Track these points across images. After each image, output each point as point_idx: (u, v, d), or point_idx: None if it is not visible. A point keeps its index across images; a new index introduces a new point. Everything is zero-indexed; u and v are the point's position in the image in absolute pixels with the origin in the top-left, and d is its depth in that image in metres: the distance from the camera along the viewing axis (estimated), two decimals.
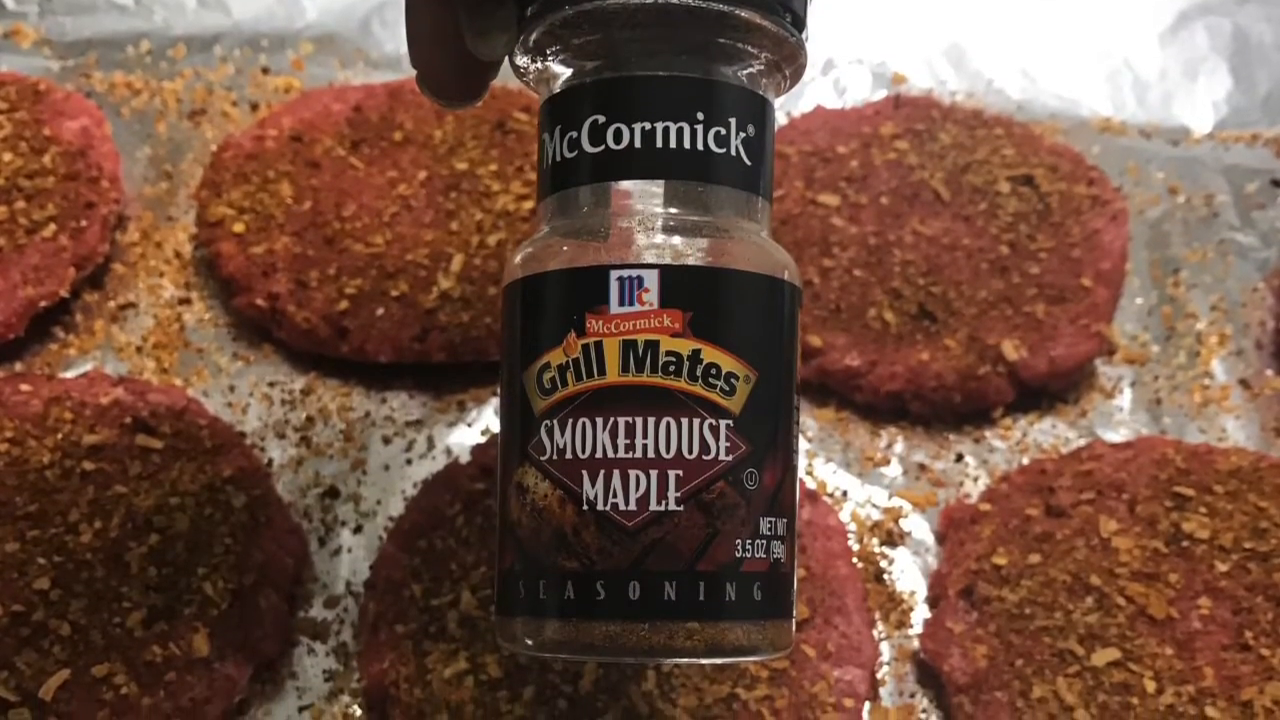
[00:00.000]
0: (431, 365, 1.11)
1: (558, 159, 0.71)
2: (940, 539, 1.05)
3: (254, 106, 1.32)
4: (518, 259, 0.72)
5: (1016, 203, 1.17)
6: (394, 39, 1.39)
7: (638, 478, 0.67)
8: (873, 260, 1.14)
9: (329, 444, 1.08)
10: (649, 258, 0.68)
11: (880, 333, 1.11)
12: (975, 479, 1.09)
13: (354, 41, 1.39)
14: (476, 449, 1.05)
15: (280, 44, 1.38)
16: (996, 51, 1.41)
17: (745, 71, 0.71)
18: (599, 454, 0.67)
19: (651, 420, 0.67)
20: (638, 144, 0.69)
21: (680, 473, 0.67)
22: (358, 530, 1.04)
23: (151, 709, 0.88)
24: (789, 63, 0.72)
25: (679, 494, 0.67)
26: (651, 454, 0.67)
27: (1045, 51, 1.41)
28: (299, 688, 0.96)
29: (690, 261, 0.68)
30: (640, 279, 0.68)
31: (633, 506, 0.67)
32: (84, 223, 1.15)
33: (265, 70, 1.36)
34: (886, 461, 1.10)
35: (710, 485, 0.67)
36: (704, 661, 0.75)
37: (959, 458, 1.10)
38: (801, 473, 1.00)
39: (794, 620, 0.72)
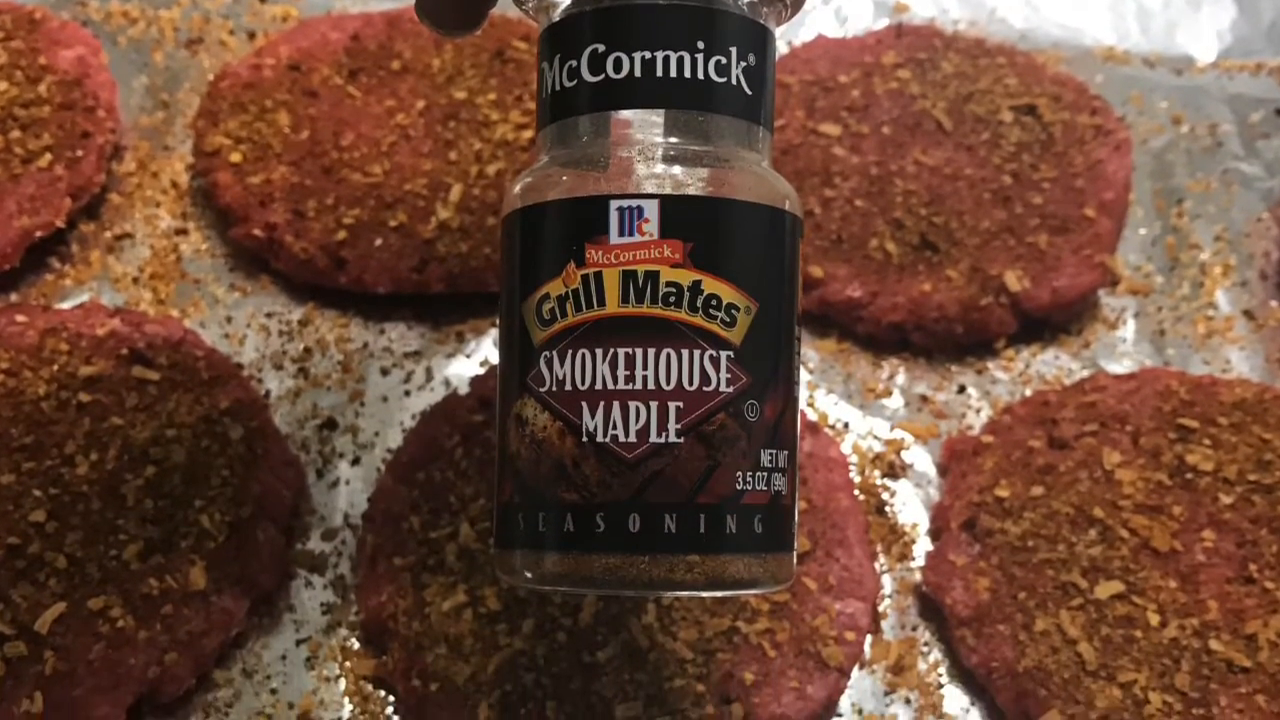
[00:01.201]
0: (430, 296, 1.10)
1: (557, 88, 0.70)
2: (942, 471, 1.04)
3: (251, 35, 1.30)
4: (517, 189, 0.71)
5: (1019, 132, 1.16)
6: None
7: (638, 409, 0.66)
8: (874, 190, 1.13)
9: (327, 375, 1.07)
10: (649, 188, 0.67)
11: (882, 263, 1.10)
12: (977, 411, 1.08)
13: None
14: (475, 380, 1.04)
15: None
16: None
17: (746, 0, 0.69)
18: (599, 385, 0.67)
19: (651, 351, 0.66)
20: (638, 73, 0.68)
21: (680, 404, 0.66)
22: (355, 462, 1.03)
23: (148, 642, 0.87)
24: None
25: (679, 426, 0.66)
26: (651, 385, 0.66)
27: None
28: (296, 621, 0.95)
29: (691, 191, 0.68)
30: (640, 209, 0.67)
31: (632, 438, 0.66)
32: (80, 152, 1.13)
33: None
34: (888, 393, 1.09)
35: (711, 417, 0.67)
36: (704, 594, 0.75)
37: (961, 389, 1.09)
38: (802, 404, 0.99)
39: (795, 553, 0.72)
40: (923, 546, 1.00)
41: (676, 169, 0.68)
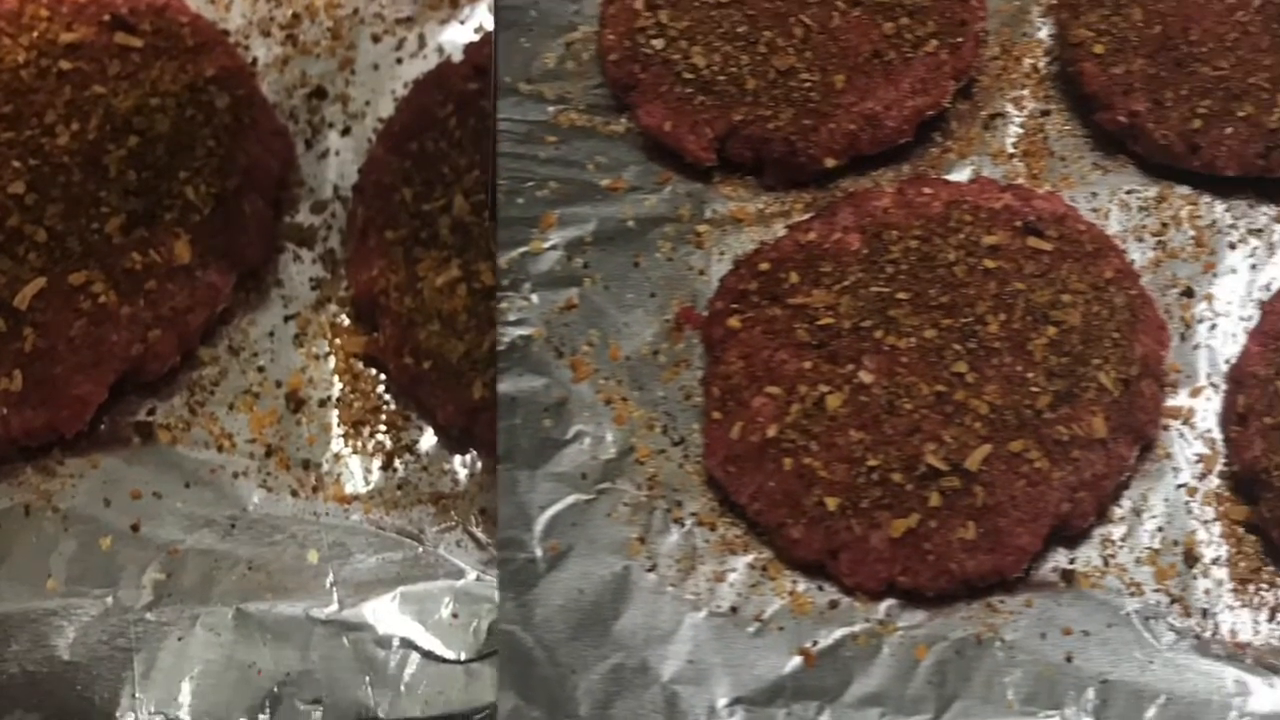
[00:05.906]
0: None
1: None
2: None
3: None
4: None
5: None
6: None
7: None
8: None
9: (316, 42, 1.03)
10: None
11: None
12: None
13: None
14: (469, 47, 1.00)
15: None
16: None
17: None
18: None
19: None
20: None
21: None
22: (346, 132, 1.00)
23: (130, 318, 0.87)
24: None
25: None
26: None
27: None
28: (284, 296, 0.94)
29: None
30: None
31: None
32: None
33: None
34: None
35: None
36: None
37: None
38: None
39: None
40: None
41: None
